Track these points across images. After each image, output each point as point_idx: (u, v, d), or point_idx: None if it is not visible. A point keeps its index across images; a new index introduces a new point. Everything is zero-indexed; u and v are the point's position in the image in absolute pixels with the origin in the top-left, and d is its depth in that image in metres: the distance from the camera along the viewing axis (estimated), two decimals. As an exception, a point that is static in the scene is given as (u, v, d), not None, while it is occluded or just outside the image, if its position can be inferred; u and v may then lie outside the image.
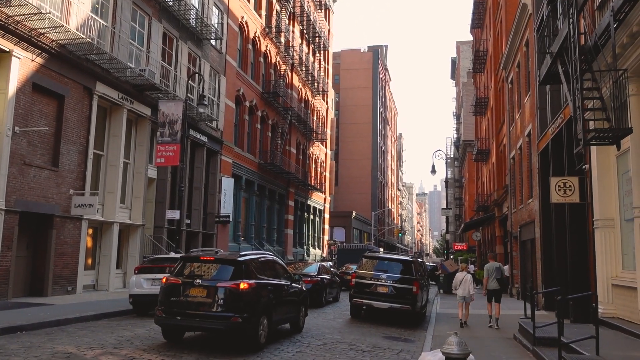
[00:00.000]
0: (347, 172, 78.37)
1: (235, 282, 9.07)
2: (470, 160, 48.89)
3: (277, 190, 36.30)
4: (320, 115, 47.49)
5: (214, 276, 9.26)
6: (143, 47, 20.68)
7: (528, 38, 20.19)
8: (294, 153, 39.21)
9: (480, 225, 39.20)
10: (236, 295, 8.94)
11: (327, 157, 50.09)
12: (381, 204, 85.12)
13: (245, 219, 31.75)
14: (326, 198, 49.45)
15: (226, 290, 8.94)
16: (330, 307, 17.89)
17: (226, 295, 8.92)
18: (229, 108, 27.94)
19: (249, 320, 8.96)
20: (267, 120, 34.70)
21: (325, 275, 19.00)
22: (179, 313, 8.95)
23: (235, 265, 9.43)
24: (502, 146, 29.94)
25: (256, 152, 32.77)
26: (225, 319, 8.81)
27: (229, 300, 8.90)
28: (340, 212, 65.54)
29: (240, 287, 9.00)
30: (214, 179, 26.53)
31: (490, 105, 34.56)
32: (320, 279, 18.10)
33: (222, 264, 9.44)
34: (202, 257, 9.57)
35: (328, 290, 18.56)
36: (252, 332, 9.05)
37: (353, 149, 79.13)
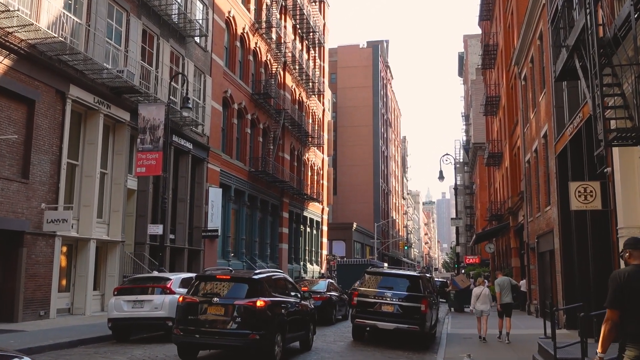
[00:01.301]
0: (347, 179, 78.48)
1: (252, 299, 9.99)
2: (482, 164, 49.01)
3: (269, 200, 36.30)
4: (316, 118, 47.58)
5: (230, 294, 10.19)
6: (121, 46, 20.74)
7: (542, 30, 20.33)
8: (287, 160, 39.24)
9: (493, 236, 39.21)
10: (253, 313, 9.85)
11: (324, 163, 50.15)
12: (384, 214, 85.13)
13: (235, 233, 31.72)
14: (324, 209, 49.45)
15: (243, 308, 9.85)
16: (340, 325, 18.23)
17: (243, 312, 9.83)
18: (215, 111, 27.97)
19: (266, 337, 9.84)
20: (258, 124, 34.74)
21: (334, 292, 19.80)
22: (197, 331, 9.78)
23: (251, 283, 10.36)
24: (515, 149, 30.04)
25: (246, 159, 32.79)
26: (243, 336, 9.66)
27: (246, 317, 9.80)
28: (340, 224, 65.48)
29: (257, 305, 9.91)
30: (200, 190, 26.51)
31: (502, 104, 34.70)
32: (330, 297, 18.77)
33: (237, 282, 10.41)
34: (218, 276, 10.53)
35: (337, 308, 19.27)
36: (268, 349, 9.92)
37: (352, 154, 79.28)
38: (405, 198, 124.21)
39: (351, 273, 35.29)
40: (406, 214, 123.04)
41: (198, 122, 25.17)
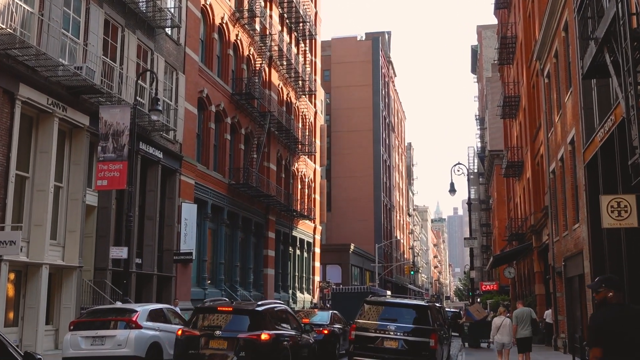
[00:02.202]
0: (343, 193, 78.53)
1: (256, 332, 10.73)
2: (499, 175, 49.20)
3: (253, 218, 36.27)
4: (306, 122, 47.70)
5: (232, 327, 10.94)
6: (79, 39, 20.78)
7: (567, 20, 20.55)
8: (274, 170, 39.28)
9: (514, 258, 39.25)
10: (258, 346, 10.56)
11: (316, 174, 50.21)
12: (387, 233, 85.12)
13: (212, 257, 31.66)
14: (316, 227, 49.44)
15: (248, 342, 10.58)
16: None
17: (248, 346, 10.53)
18: (189, 114, 28.01)
19: None
20: (239, 129, 34.80)
21: (338, 324, 20.20)
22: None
23: (254, 315, 11.12)
24: (538, 157, 30.23)
25: (225, 170, 32.81)
26: None
27: (251, 351, 10.51)
28: (335, 246, 65.37)
29: (262, 338, 10.65)
30: (172, 206, 26.47)
31: (522, 105, 34.94)
32: (333, 330, 19.11)
33: (239, 315, 11.21)
34: (219, 308, 11.34)
35: (341, 342, 19.57)
36: None
37: (349, 164, 79.43)
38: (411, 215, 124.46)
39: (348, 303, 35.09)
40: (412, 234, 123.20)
41: (169, 127, 25.18)
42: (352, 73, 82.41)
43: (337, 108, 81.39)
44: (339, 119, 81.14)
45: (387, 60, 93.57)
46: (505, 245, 45.22)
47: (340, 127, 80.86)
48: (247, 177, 34.08)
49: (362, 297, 28.65)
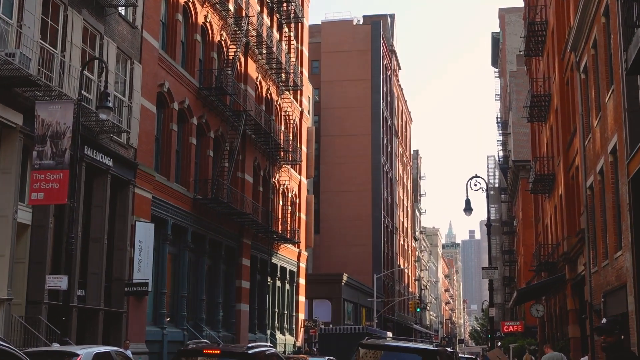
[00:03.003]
0: (334, 212, 78.46)
1: None
2: (525, 191, 49.35)
3: (223, 241, 36.17)
4: (290, 123, 47.74)
5: None
6: (12, 19, 20.74)
7: (608, 4, 20.74)
8: (249, 183, 39.27)
9: (542, 293, 39.27)
10: None
11: (301, 188, 50.18)
12: (388, 262, 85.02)
13: (172, 289, 31.52)
14: (301, 254, 49.35)
15: None
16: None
17: None
18: (147, 113, 27.99)
19: None
20: (208, 132, 34.76)
21: None
22: None
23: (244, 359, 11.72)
24: (573, 169, 30.38)
25: (190, 181, 32.75)
26: None
27: None
28: (324, 276, 65.20)
29: None
30: (124, 225, 26.37)
31: (553, 106, 35.15)
32: None
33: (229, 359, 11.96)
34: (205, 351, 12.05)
35: None
36: None
37: (343, 176, 79.44)
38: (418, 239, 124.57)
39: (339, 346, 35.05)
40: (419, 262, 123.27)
41: (121, 129, 25.13)
42: (347, 65, 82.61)
43: (328, 107, 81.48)
44: (331, 121, 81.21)
45: (390, 50, 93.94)
46: (532, 277, 45.23)
47: (331, 130, 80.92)
48: (216, 190, 34.00)
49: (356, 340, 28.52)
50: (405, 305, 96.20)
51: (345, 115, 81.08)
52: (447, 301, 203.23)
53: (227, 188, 34.99)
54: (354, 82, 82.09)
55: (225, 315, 36.68)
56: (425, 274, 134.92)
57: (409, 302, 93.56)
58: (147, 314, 28.13)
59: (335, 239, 77.46)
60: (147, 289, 26.49)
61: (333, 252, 76.79)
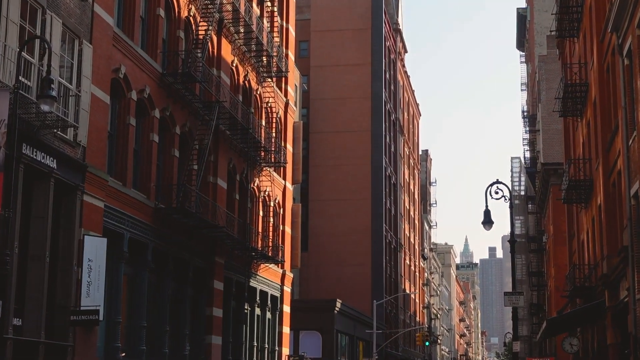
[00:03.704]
0: (326, 224, 78.29)
1: None
2: (557, 201, 49.30)
3: (191, 260, 35.96)
4: (273, 117, 47.58)
5: None
6: None
7: (658, -26, 20.65)
8: (223, 189, 39.11)
9: (577, 323, 39.16)
10: None
11: (286, 196, 49.97)
12: (391, 285, 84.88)
13: (129, 317, 31.27)
14: (286, 275, 49.16)
15: None
16: None
17: None
18: (98, 104, 27.77)
19: None
20: (173, 128, 34.58)
21: None
22: None
23: None
24: (614, 175, 30.30)
25: (151, 187, 32.56)
26: None
27: None
28: (313, 302, 65.03)
29: None
30: (69, 240, 26.16)
31: (591, 97, 35.10)
32: None
33: None
34: None
35: None
36: None
37: (336, 181, 79.35)
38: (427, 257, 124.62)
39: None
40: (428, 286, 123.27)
41: (68, 123, 24.93)
42: (342, 46, 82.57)
43: (319, 98, 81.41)
44: (322, 115, 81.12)
45: (394, 29, 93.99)
46: (566, 304, 45.17)
47: (323, 126, 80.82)
48: (183, 198, 33.81)
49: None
50: (412, 338, 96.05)
51: (340, 107, 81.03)
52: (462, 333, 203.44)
53: (196, 195, 34.75)
54: (350, 67, 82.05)
55: (194, 349, 36.43)
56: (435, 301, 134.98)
57: (416, 335, 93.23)
58: (98, 347, 27.81)
59: (327, 257, 77.32)
60: (97, 318, 26.19)
61: (324, 273, 76.63)
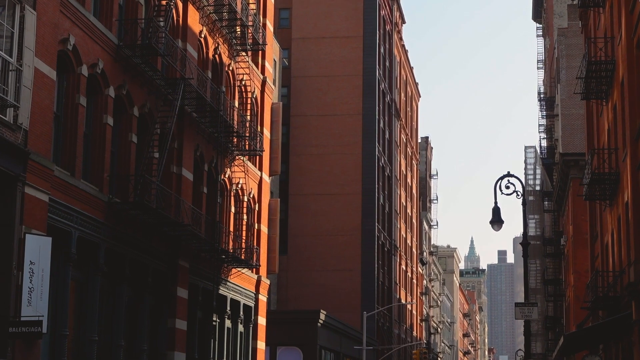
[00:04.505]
0: (308, 223, 78.30)
1: None
2: (578, 197, 49.45)
3: (150, 264, 35.95)
4: (248, 98, 47.56)
5: None
6: None
7: None
8: (189, 181, 39.10)
9: (600, 340, 39.25)
10: None
11: (263, 189, 49.93)
12: (384, 294, 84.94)
13: (77, 330, 31.24)
14: (261, 282, 49.15)
15: None
16: None
17: None
18: (43, 80, 27.70)
19: None
20: (130, 109, 34.52)
21: None
22: None
23: None
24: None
25: (104, 178, 32.50)
26: None
27: None
28: (293, 314, 65.15)
29: None
30: (8, 239, 26.14)
31: (618, 77, 35.10)
32: None
33: None
34: None
35: None
36: None
37: (321, 172, 79.37)
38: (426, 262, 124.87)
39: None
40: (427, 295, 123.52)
41: (7, 102, 24.96)
42: (329, 15, 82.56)
43: (302, 76, 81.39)
44: (305, 95, 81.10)
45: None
46: (586, 317, 45.29)
47: (306, 108, 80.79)
48: (141, 191, 33.77)
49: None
50: (408, 356, 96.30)
51: (326, 87, 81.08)
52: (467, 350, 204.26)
53: (157, 188, 34.68)
54: (338, 40, 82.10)
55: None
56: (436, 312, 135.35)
57: (412, 352, 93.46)
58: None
59: (310, 261, 77.43)
60: (40, 330, 26.06)
61: (306, 280, 76.73)
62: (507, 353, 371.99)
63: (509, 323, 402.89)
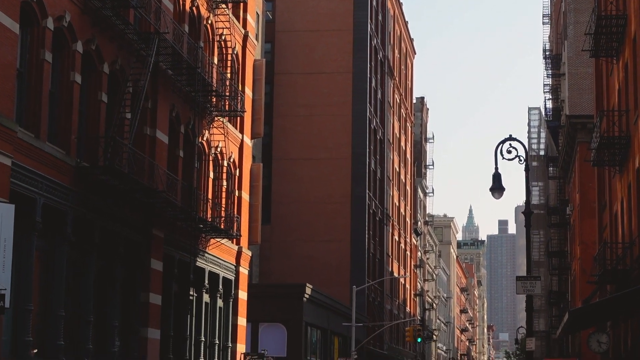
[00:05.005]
0: (294, 190, 78.38)
1: None
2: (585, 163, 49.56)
3: (122, 233, 36.02)
4: (228, 54, 47.39)
5: None
6: None
7: None
8: (164, 144, 39.15)
9: (608, 316, 39.44)
10: None
11: (244, 153, 49.94)
12: (375, 267, 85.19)
13: (43, 304, 31.29)
14: (242, 253, 49.26)
15: None
16: None
17: None
18: (5, 34, 27.65)
19: None
20: (100, 65, 34.48)
21: None
22: None
23: None
24: (657, 130, 30.45)
25: (71, 141, 32.47)
26: None
27: None
28: (277, 288, 65.37)
29: None
30: (-35, 207, 26.01)
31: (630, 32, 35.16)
32: None
33: None
34: None
35: None
36: None
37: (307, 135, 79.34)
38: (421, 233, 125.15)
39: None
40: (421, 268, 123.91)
41: (-36, 57, 24.70)
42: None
43: (287, 30, 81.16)
44: (291, 51, 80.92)
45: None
46: (593, 291, 45.49)
47: (291, 65, 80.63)
48: (112, 155, 33.69)
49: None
50: (401, 334, 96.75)
51: (313, 42, 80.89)
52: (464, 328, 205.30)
53: (129, 151, 34.68)
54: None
55: (125, 345, 36.58)
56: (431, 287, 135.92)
57: (405, 329, 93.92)
58: (3, 342, 27.82)
59: (295, 231, 77.58)
60: (2, 304, 26.06)
61: (291, 251, 76.91)
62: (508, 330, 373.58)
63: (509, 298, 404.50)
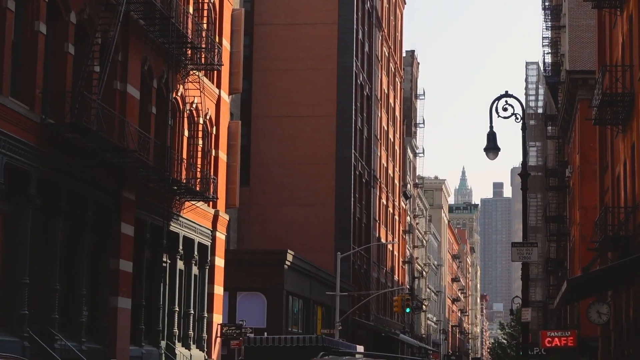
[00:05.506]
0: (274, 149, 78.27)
1: None
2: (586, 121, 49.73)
3: (90, 196, 36.05)
4: (204, 3, 47.05)
5: None
6: None
7: None
8: (135, 99, 39.12)
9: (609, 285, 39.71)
10: None
11: (221, 110, 49.83)
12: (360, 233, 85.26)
13: (5, 272, 31.35)
14: (219, 217, 49.31)
15: None
16: None
17: None
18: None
19: None
20: (66, 14, 34.35)
21: None
22: None
23: None
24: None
25: (36, 95, 32.42)
26: None
27: None
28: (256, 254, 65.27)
29: None
30: None
31: (634, -17, 35.22)
32: None
33: None
34: None
35: None
36: None
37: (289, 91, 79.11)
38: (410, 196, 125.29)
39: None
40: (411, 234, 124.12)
41: None
42: None
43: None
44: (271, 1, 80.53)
45: None
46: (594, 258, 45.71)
47: (272, 16, 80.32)
48: (79, 111, 33.59)
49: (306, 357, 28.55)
50: (388, 304, 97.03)
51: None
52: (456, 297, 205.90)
53: (98, 107, 34.57)
54: None
55: (93, 315, 36.62)
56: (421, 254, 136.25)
57: (393, 299, 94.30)
58: (-37, 312, 27.90)
59: (276, 194, 77.54)
60: (-38, 272, 26.38)
61: (271, 215, 76.90)
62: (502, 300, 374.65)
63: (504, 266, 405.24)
